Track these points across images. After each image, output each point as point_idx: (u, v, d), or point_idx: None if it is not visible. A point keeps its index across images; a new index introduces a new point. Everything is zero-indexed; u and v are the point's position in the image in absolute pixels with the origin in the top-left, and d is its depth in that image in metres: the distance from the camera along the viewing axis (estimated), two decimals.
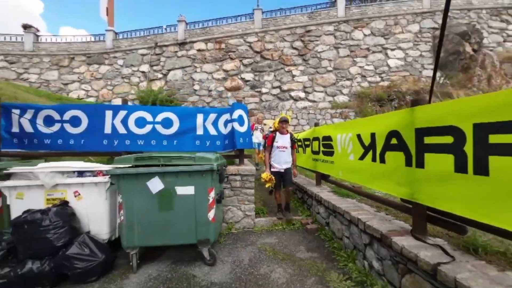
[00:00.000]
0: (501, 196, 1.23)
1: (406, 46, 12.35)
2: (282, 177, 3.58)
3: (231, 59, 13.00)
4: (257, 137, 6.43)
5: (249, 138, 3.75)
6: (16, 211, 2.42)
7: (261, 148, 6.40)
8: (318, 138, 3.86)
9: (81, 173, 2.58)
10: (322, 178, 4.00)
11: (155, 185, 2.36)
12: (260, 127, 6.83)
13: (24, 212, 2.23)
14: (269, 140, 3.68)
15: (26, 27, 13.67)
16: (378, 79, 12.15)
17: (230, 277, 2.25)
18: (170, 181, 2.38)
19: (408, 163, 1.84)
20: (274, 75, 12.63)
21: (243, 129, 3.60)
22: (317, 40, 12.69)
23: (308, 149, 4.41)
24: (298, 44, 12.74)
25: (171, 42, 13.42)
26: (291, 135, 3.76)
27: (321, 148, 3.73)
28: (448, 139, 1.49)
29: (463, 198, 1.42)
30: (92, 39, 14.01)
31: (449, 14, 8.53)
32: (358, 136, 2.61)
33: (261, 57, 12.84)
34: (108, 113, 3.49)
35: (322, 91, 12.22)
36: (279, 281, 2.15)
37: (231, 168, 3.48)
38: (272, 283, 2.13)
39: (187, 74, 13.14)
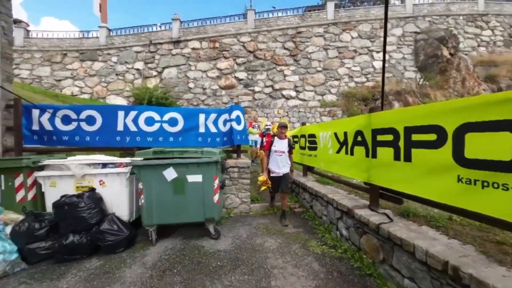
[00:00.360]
0: (418, 174, 1.86)
1: (390, 49, 13.17)
2: (280, 182, 3.65)
3: (225, 58, 13.41)
4: (253, 136, 6.96)
5: (245, 135, 4.31)
6: (50, 197, 2.89)
7: (258, 145, 6.93)
8: (305, 135, 4.46)
9: (104, 165, 3.06)
10: (308, 169, 4.63)
11: (170, 174, 2.89)
12: (257, 125, 7.38)
13: (62, 196, 2.70)
14: (267, 145, 3.79)
15: (16, 21, 13.46)
16: (364, 79, 12.93)
17: (232, 246, 2.83)
18: (182, 171, 2.91)
19: (367, 155, 2.45)
20: (267, 75, 13.16)
21: (240, 127, 4.15)
22: (307, 41, 13.29)
23: (297, 145, 5.01)
24: (289, 44, 13.30)
25: (166, 40, 13.64)
26: (289, 141, 3.81)
27: (307, 144, 4.34)
28: (390, 137, 2.11)
29: (398, 177, 2.05)
30: (85, 35, 13.99)
31: (429, 19, 9.50)
32: (335, 134, 3.22)
33: (254, 57, 13.32)
34: (120, 113, 3.95)
35: (312, 90, 12.88)
36: (271, 247, 2.75)
37: (230, 161, 4.03)
38: (265, 249, 2.72)
39: (181, 72, 13.44)
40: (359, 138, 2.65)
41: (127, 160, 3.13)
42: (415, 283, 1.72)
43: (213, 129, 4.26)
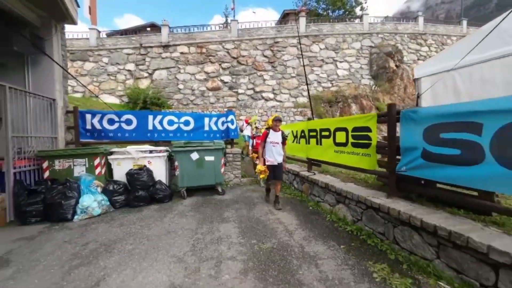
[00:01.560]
0: (324, 151, 4.03)
1: (351, 59, 15.85)
2: (274, 171, 4.05)
3: (211, 62, 15.03)
4: (248, 130, 8.57)
5: (236, 132, 6.27)
6: (116, 172, 4.62)
7: (250, 141, 8.60)
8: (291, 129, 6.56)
9: (151, 151, 4.85)
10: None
11: (194, 156, 4.79)
12: (250, 124, 9.13)
13: (130, 170, 4.47)
14: (262, 136, 4.16)
15: None
16: (329, 85, 15.48)
17: (232, 197, 4.83)
18: (202, 154, 4.82)
19: (306, 142, 4.60)
20: (249, 78, 15.08)
21: (233, 127, 6.11)
22: (283, 51, 15.43)
23: None
24: (268, 53, 15.32)
25: (156, 44, 14.84)
26: (282, 133, 4.14)
27: None
28: (314, 133, 4.26)
29: (318, 153, 4.22)
30: (75, 36, 14.62)
31: (381, 36, 12.77)
32: (292, 131, 5.36)
33: (238, 62, 15.14)
34: (150, 117, 5.68)
35: (287, 93, 15.11)
36: (255, 196, 4.80)
37: (227, 150, 5.98)
38: (251, 197, 4.77)
39: (171, 74, 14.80)
40: (302, 134, 4.80)
41: (164, 148, 4.95)
42: (319, 198, 3.90)
43: (214, 128, 6.17)
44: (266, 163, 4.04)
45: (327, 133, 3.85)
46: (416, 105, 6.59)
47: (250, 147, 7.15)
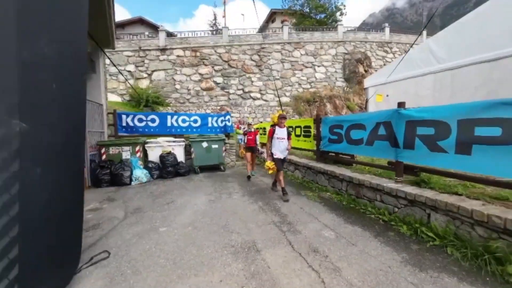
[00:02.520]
0: (307, 143, 6.37)
1: (327, 64, 18.32)
2: (282, 163, 4.35)
3: (205, 65, 16.90)
4: (239, 135, 10.79)
5: (232, 128, 8.48)
6: (150, 156, 6.70)
7: (242, 143, 10.77)
8: (265, 127, 8.83)
9: (174, 141, 6.95)
10: (263, 145, 9.04)
11: (204, 144, 6.97)
12: (243, 127, 11.36)
13: (161, 154, 6.57)
14: (270, 133, 4.38)
15: None
16: (309, 86, 17.90)
17: (231, 172, 7.07)
18: (210, 143, 7.01)
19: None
20: (238, 80, 17.13)
21: (229, 124, 8.32)
22: (269, 55, 17.57)
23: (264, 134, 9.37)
24: (255, 57, 17.41)
25: (154, 48, 16.43)
26: (287, 128, 4.40)
27: (264, 131, 8.73)
28: (298, 129, 6.57)
29: (302, 145, 6.56)
30: None
31: (353, 44, 16.02)
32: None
33: (229, 65, 17.12)
34: (169, 117, 7.74)
35: (272, 93, 17.35)
36: (246, 172, 7.08)
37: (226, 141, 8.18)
38: (244, 172, 7.03)
39: (169, 75, 16.52)
40: (263, 127, 7.11)
41: (182, 139, 7.07)
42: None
43: (215, 125, 8.34)
44: (274, 157, 4.28)
45: (298, 129, 6.18)
46: (365, 108, 9.44)
47: (242, 149, 7.88)
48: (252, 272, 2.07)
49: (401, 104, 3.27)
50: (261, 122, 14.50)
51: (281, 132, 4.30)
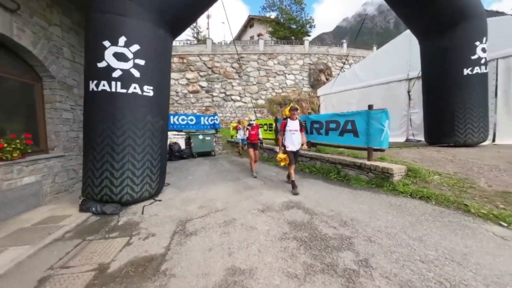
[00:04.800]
0: (263, 132, 9.46)
1: (296, 72, 21.80)
2: (295, 156, 4.29)
3: (191, 70, 19.30)
4: (241, 134, 13.07)
5: (219, 125, 11.33)
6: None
7: (244, 142, 13.35)
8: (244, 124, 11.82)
9: (178, 134, 9.63)
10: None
11: (200, 137, 9.77)
12: (242, 130, 14.14)
13: (169, 143, 9.23)
14: (282, 126, 4.30)
15: None
16: (280, 91, 21.23)
17: (219, 157, 9.95)
18: (205, 136, 9.82)
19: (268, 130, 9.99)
20: (221, 84, 19.83)
21: (217, 122, 11.17)
22: (247, 64, 20.51)
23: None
24: (235, 65, 20.23)
25: None
26: (300, 121, 4.30)
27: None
28: (266, 126, 9.63)
29: (268, 136, 9.64)
30: None
31: (317, 56, 20.22)
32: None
33: (212, 72, 19.72)
34: (171, 116, 10.34)
35: (250, 97, 20.35)
36: (234, 158, 10.01)
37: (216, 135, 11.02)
38: (230, 156, 9.95)
39: None
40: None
41: (183, 133, 9.78)
42: (266, 152, 9.33)
43: (206, 123, 11.12)
44: (287, 149, 4.20)
45: (267, 125, 9.26)
46: (318, 111, 13.15)
47: (242, 144, 9.17)
48: (237, 186, 5.04)
49: (310, 112, 6.48)
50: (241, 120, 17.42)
51: (293, 125, 4.24)
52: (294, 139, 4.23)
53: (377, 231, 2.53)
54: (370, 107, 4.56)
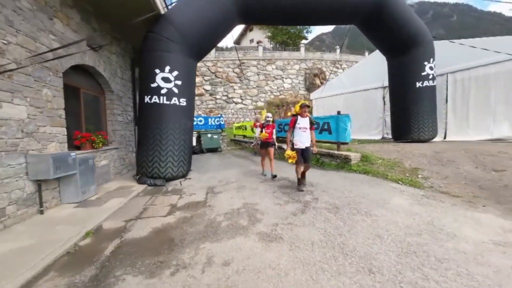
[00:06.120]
0: (247, 131, 11.24)
1: (292, 77, 23.58)
2: (303, 154, 4.14)
3: (196, 75, 21.01)
4: (258, 133, 15.30)
5: (223, 125, 13.09)
6: None
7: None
8: (245, 125, 13.56)
9: None
10: (244, 136, 13.79)
11: (209, 135, 11.54)
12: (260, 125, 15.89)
13: None
14: (291, 123, 4.24)
15: None
16: (278, 94, 23.00)
17: (225, 152, 11.72)
18: (212, 134, 11.59)
19: (244, 129, 11.74)
20: (223, 88, 21.57)
21: (223, 122, 12.94)
22: (248, 69, 22.27)
23: (241, 129, 14.08)
24: (237, 70, 21.99)
25: None
26: (310, 118, 4.20)
27: (242, 127, 13.48)
28: (245, 125, 11.41)
29: (246, 132, 11.41)
30: None
31: (312, 61, 22.37)
32: (243, 126, 12.45)
33: (215, 76, 21.46)
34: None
35: (250, 99, 22.10)
36: (237, 153, 11.78)
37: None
38: (234, 152, 11.72)
39: None
40: (244, 126, 11.94)
41: (194, 132, 11.54)
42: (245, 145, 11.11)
43: (213, 123, 12.89)
44: (295, 147, 4.11)
45: (245, 126, 11.02)
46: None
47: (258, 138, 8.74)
48: (243, 170, 6.78)
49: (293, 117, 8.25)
50: (242, 121, 19.18)
51: (303, 122, 4.14)
52: (303, 137, 4.16)
53: (329, 188, 4.30)
54: (338, 112, 6.34)
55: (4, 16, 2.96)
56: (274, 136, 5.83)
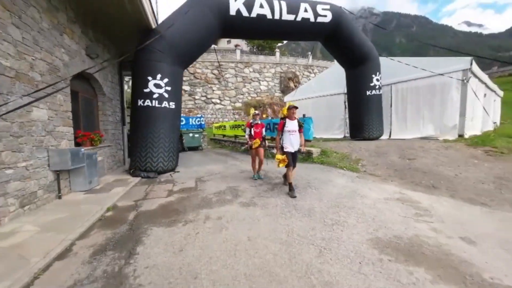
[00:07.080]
0: (227, 131, 12.32)
1: (269, 79, 25.03)
2: (293, 157, 4.11)
3: None
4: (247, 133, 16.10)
5: (204, 125, 13.92)
6: None
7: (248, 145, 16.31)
8: (224, 125, 14.53)
9: None
10: (223, 136, 14.76)
11: (190, 134, 12.31)
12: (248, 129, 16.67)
13: None
14: (280, 126, 4.17)
15: None
16: (255, 95, 24.27)
17: (206, 150, 12.59)
18: (194, 133, 12.38)
19: (224, 129, 12.81)
20: (202, 89, 22.18)
21: (203, 122, 13.76)
22: (226, 71, 23.15)
23: (220, 129, 15.01)
24: (215, 71, 22.74)
25: None
26: (298, 121, 4.17)
27: (222, 127, 14.45)
28: (224, 125, 12.48)
29: (226, 132, 12.49)
30: None
31: (287, 66, 24.05)
32: (223, 125, 13.47)
33: (194, 77, 21.97)
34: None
35: (228, 100, 23.02)
36: (220, 151, 12.71)
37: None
38: (214, 149, 12.64)
39: None
40: (223, 126, 12.98)
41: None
42: (225, 144, 12.17)
43: (194, 123, 13.65)
44: (285, 150, 4.07)
45: (224, 126, 12.13)
46: None
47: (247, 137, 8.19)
48: (225, 164, 7.84)
49: (274, 118, 9.52)
50: (221, 122, 20.06)
51: (291, 125, 4.11)
52: (293, 140, 4.10)
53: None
54: (304, 115, 7.72)
55: (32, 37, 3.67)
56: (264, 135, 5.59)
